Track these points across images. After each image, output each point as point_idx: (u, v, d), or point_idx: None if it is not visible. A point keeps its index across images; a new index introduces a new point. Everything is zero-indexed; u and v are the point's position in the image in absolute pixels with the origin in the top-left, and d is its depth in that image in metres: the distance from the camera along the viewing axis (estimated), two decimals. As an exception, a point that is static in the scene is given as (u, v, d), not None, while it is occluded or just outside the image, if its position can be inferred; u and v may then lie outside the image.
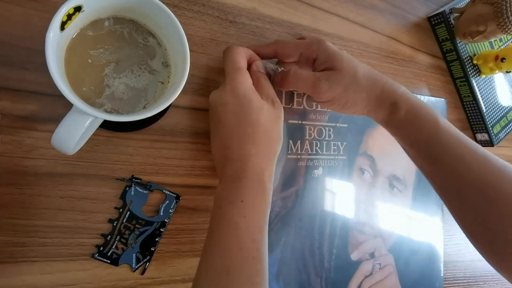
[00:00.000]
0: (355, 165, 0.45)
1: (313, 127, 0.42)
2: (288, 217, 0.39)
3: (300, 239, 0.40)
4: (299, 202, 0.40)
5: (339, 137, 0.44)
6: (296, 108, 0.41)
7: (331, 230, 0.42)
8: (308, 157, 0.41)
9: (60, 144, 0.25)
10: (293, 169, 0.40)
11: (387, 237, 0.47)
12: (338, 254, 0.43)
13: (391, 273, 0.47)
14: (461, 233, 0.38)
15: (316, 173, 0.41)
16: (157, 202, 0.34)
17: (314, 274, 0.41)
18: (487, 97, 0.58)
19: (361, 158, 0.46)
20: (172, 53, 0.31)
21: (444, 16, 0.54)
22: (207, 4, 0.38)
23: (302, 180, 0.41)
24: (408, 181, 0.50)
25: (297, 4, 0.43)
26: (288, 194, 0.39)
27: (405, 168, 0.49)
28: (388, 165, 0.48)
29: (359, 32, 0.48)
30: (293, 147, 0.40)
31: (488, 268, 0.39)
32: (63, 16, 0.24)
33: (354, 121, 0.45)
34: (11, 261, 0.29)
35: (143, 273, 0.33)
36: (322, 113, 0.43)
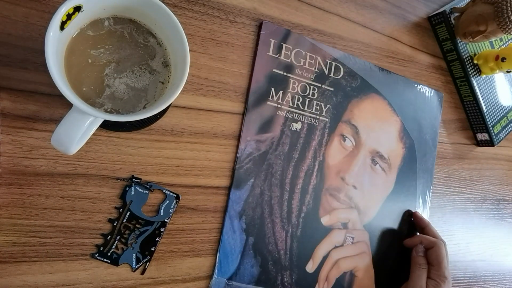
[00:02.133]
0: (337, 130, 0.44)
1: (298, 82, 0.42)
2: (260, 160, 0.39)
3: (269, 186, 0.40)
4: (273, 149, 0.40)
5: (323, 98, 0.44)
6: (283, 60, 0.41)
7: (303, 186, 0.42)
8: (288, 108, 0.41)
9: (60, 144, 0.25)
10: (271, 116, 0.40)
11: (364, 213, 0.46)
12: (307, 212, 0.42)
13: (364, 252, 0.46)
14: (462, 233, 0.38)
15: (295, 126, 0.42)
16: (157, 202, 0.34)
17: (280, 226, 0.40)
18: (488, 97, 0.58)
19: (344, 125, 0.45)
20: (172, 53, 0.31)
21: (445, 16, 0.54)
22: (207, 4, 0.38)
23: (279, 129, 0.41)
24: (393, 162, 0.49)
25: (297, 4, 0.43)
26: (263, 138, 0.40)
27: (391, 148, 0.49)
28: (373, 140, 0.47)
29: (359, 32, 0.48)
30: (274, 95, 0.41)
31: (489, 268, 0.39)
32: (62, 16, 0.24)
33: (342, 88, 0.45)
34: (11, 261, 0.29)
35: (143, 273, 0.33)
36: (309, 71, 0.43)
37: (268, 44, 0.40)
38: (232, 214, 0.37)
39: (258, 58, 0.40)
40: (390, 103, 0.49)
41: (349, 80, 0.46)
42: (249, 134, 0.39)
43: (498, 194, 0.63)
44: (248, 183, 0.39)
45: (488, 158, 0.62)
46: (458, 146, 0.58)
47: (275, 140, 0.40)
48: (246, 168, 0.39)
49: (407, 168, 0.50)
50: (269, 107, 0.40)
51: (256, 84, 0.40)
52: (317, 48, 0.44)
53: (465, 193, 0.58)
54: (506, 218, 0.64)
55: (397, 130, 0.49)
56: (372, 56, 0.49)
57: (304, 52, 0.43)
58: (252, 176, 0.39)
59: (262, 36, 0.40)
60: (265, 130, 0.40)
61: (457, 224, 0.56)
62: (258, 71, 0.40)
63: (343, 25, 0.47)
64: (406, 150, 0.50)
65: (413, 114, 0.51)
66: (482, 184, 0.61)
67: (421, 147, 0.52)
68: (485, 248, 0.59)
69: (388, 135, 0.48)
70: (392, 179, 0.49)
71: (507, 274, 0.61)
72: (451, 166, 0.57)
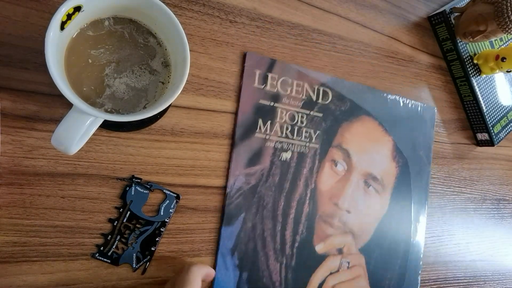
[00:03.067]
0: (328, 156, 0.44)
1: (286, 111, 0.41)
2: (250, 194, 0.39)
3: (261, 219, 0.39)
4: (263, 181, 0.39)
5: (312, 125, 0.43)
6: (269, 90, 0.41)
7: (296, 216, 0.41)
8: (277, 139, 0.41)
9: (61, 144, 0.25)
10: (260, 148, 0.40)
11: (359, 237, 0.46)
12: (301, 242, 0.41)
13: (360, 275, 0.45)
14: (462, 233, 0.38)
15: (285, 156, 0.41)
16: (157, 202, 0.34)
17: (274, 258, 0.39)
18: (488, 96, 0.58)
19: (335, 150, 0.44)
20: (172, 53, 0.31)
21: (445, 15, 0.54)
22: (207, 4, 0.38)
23: (268, 160, 0.40)
24: (386, 182, 0.48)
25: (298, 4, 0.43)
26: (253, 171, 0.39)
27: (384, 169, 0.48)
28: (365, 162, 0.46)
29: (359, 32, 0.48)
30: (262, 126, 0.40)
31: (489, 268, 0.39)
32: (63, 16, 0.24)
33: (331, 112, 0.44)
34: (12, 261, 0.29)
35: (143, 273, 0.33)
36: (296, 99, 0.42)
37: (253, 75, 0.40)
38: (224, 252, 0.37)
39: (243, 90, 0.39)
40: (382, 123, 0.48)
41: (338, 104, 0.45)
42: (238, 168, 0.38)
43: (498, 194, 0.63)
44: (239, 218, 0.38)
45: (488, 158, 0.62)
46: (458, 146, 0.58)
47: (265, 171, 0.40)
48: (236, 203, 0.38)
49: (401, 187, 0.49)
50: (257, 139, 0.39)
51: (243, 116, 0.39)
52: (303, 74, 0.43)
53: (465, 193, 0.58)
54: (506, 218, 0.64)
55: (390, 150, 0.49)
56: (372, 56, 0.49)
57: (290, 80, 0.42)
58: (242, 211, 0.38)
59: (247, 68, 0.39)
60: (254, 163, 0.39)
61: (457, 224, 0.56)
62: (244, 103, 0.39)
63: (343, 25, 0.47)
64: (399, 169, 0.49)
65: (406, 132, 0.50)
66: (482, 184, 0.61)
67: (415, 165, 0.51)
68: (485, 248, 0.59)
69: (380, 156, 0.48)
70: (386, 200, 0.48)
71: (507, 274, 0.61)
72: (451, 166, 0.57)
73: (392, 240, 0.48)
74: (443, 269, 0.54)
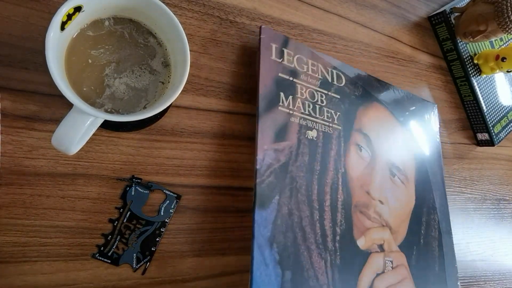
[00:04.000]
0: (352, 139, 0.42)
1: (305, 88, 0.40)
2: (281, 173, 0.35)
3: (297, 204, 0.35)
4: (293, 159, 0.37)
5: (332, 105, 0.42)
6: (287, 65, 0.40)
7: (332, 203, 0.38)
8: (301, 115, 0.39)
9: (61, 144, 0.25)
10: (286, 123, 0.37)
11: (396, 232, 0.43)
12: (342, 235, 0.38)
13: (406, 277, 0.42)
14: (462, 233, 0.38)
15: (311, 134, 0.39)
16: (157, 202, 0.34)
17: (317, 254, 0.35)
18: (488, 96, 0.58)
19: (357, 134, 0.43)
20: (172, 53, 0.31)
21: (445, 15, 0.54)
22: (207, 4, 0.38)
23: (295, 137, 0.38)
24: (409, 174, 0.46)
25: (298, 4, 0.43)
26: (281, 147, 0.36)
27: (403, 160, 0.46)
28: (386, 150, 0.45)
29: (359, 32, 0.48)
30: (285, 100, 0.38)
31: (489, 268, 0.39)
32: (63, 16, 0.24)
33: (347, 96, 0.43)
34: (12, 261, 0.29)
35: (143, 273, 0.33)
36: (313, 77, 0.41)
37: (270, 48, 0.39)
38: (261, 242, 0.31)
39: (262, 62, 0.38)
40: (392, 112, 0.48)
41: (352, 88, 0.44)
42: (266, 142, 0.35)
43: (498, 194, 0.63)
44: (273, 201, 0.34)
45: (488, 158, 0.62)
46: (458, 146, 0.58)
47: (294, 149, 0.37)
48: (268, 182, 0.34)
49: (422, 180, 0.48)
50: (281, 113, 0.38)
51: (265, 88, 0.37)
52: (316, 56, 0.43)
53: (465, 193, 0.58)
54: (506, 218, 0.64)
55: (403, 140, 0.48)
56: (372, 56, 0.49)
57: (305, 58, 0.41)
58: (276, 192, 0.34)
59: (263, 40, 0.38)
60: (282, 138, 0.37)
61: (457, 223, 0.56)
62: (264, 75, 0.38)
63: (343, 25, 0.47)
64: (416, 162, 0.48)
65: (415, 124, 0.50)
66: (482, 184, 0.61)
67: (428, 158, 0.50)
68: (485, 248, 0.59)
69: (397, 145, 0.46)
70: (412, 192, 0.46)
71: (507, 274, 0.61)
72: (451, 166, 0.57)
73: (425, 237, 0.46)
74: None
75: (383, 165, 0.44)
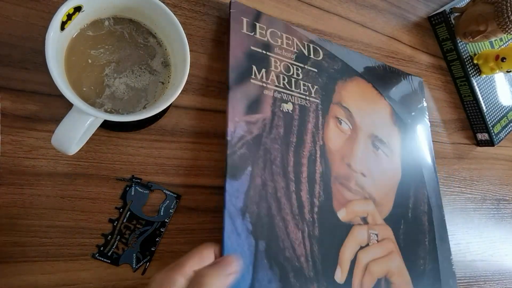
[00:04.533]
0: (330, 112, 0.41)
1: (279, 61, 0.39)
2: (254, 145, 0.34)
3: (271, 175, 0.34)
4: (267, 132, 0.36)
5: (308, 79, 0.41)
6: (259, 38, 0.39)
7: (310, 175, 0.37)
8: (275, 88, 0.38)
9: (60, 144, 0.25)
10: (258, 96, 0.36)
11: (381, 205, 0.42)
12: (321, 206, 0.37)
13: (393, 251, 0.41)
14: (462, 233, 0.38)
15: (286, 107, 0.38)
16: (157, 202, 0.34)
17: (294, 224, 0.34)
18: (488, 96, 0.58)
19: (336, 107, 0.42)
20: (172, 53, 0.31)
21: (445, 15, 0.54)
22: (207, 4, 0.38)
23: (269, 110, 0.37)
24: (393, 147, 0.46)
25: (297, 4, 0.43)
26: (253, 119, 0.35)
27: (388, 133, 0.46)
28: (368, 123, 0.44)
29: (359, 32, 0.48)
30: (257, 73, 0.37)
31: (488, 268, 0.39)
32: (63, 16, 0.24)
33: (325, 69, 0.43)
34: (11, 261, 0.29)
35: (143, 273, 0.33)
36: (288, 51, 0.40)
37: (241, 22, 0.37)
38: (232, 211, 0.31)
39: (232, 35, 0.36)
40: (375, 87, 0.47)
41: (330, 62, 0.43)
42: (236, 114, 0.34)
43: (498, 194, 0.63)
44: (245, 172, 0.33)
45: (488, 158, 0.62)
46: (458, 146, 0.58)
47: (267, 121, 0.36)
48: (240, 154, 0.33)
49: (408, 154, 0.47)
50: (253, 86, 0.36)
51: (235, 60, 0.36)
52: (292, 29, 0.41)
53: (465, 193, 0.58)
54: (506, 218, 0.64)
55: (388, 113, 0.47)
56: (372, 56, 0.49)
57: (279, 32, 0.40)
58: (248, 163, 0.34)
59: (233, 14, 0.37)
60: (254, 110, 0.36)
61: (457, 224, 0.56)
62: (235, 48, 0.36)
63: (343, 25, 0.47)
64: (402, 135, 0.48)
65: (399, 98, 0.49)
66: (482, 184, 0.61)
67: (416, 132, 0.50)
68: (485, 248, 0.59)
69: (381, 119, 0.46)
70: (398, 165, 0.46)
71: (507, 274, 0.61)
72: (451, 166, 0.57)
73: (413, 210, 0.45)
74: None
75: (365, 138, 0.43)
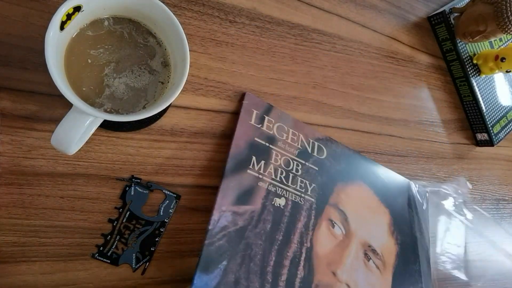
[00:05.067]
0: (324, 214, 0.39)
1: (281, 155, 0.39)
2: (236, 238, 0.33)
3: (247, 274, 0.32)
4: (253, 225, 0.34)
5: (308, 176, 0.40)
6: (266, 131, 0.39)
7: (289, 279, 0.35)
8: (271, 181, 0.37)
9: (60, 144, 0.25)
10: (252, 187, 0.36)
11: None
12: None
13: None
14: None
15: (278, 202, 0.37)
16: (157, 202, 0.34)
17: None
18: (487, 97, 0.58)
19: (332, 209, 0.40)
20: (172, 53, 0.31)
21: (444, 16, 0.54)
22: (207, 4, 0.38)
23: (260, 202, 0.36)
24: (387, 259, 0.43)
25: (297, 4, 0.43)
26: (241, 211, 0.34)
27: (383, 243, 0.43)
28: (364, 230, 0.41)
29: (359, 32, 0.48)
30: (256, 164, 0.37)
31: (488, 268, 0.39)
32: (62, 16, 0.24)
33: (326, 169, 0.42)
34: (11, 261, 0.29)
35: (143, 273, 0.33)
36: (292, 146, 0.40)
37: (251, 113, 0.38)
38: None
39: (239, 124, 0.37)
40: (376, 193, 0.45)
41: (333, 162, 0.43)
42: (225, 203, 0.33)
43: (498, 194, 0.63)
44: (219, 266, 0.31)
45: (487, 158, 0.62)
46: (457, 146, 0.58)
47: (256, 214, 0.35)
48: (218, 245, 0.32)
49: (402, 269, 0.44)
50: (249, 176, 0.36)
51: (237, 149, 0.36)
52: (300, 125, 0.42)
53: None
54: (505, 218, 0.64)
55: (387, 223, 0.45)
56: (372, 56, 0.49)
57: (287, 127, 0.40)
58: (225, 257, 0.32)
59: (245, 105, 0.38)
60: (244, 202, 0.35)
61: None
62: (239, 137, 0.36)
63: (343, 25, 0.47)
64: (399, 248, 0.45)
65: (401, 209, 0.47)
66: (482, 184, 0.61)
67: (414, 246, 0.47)
68: (484, 248, 0.59)
69: (378, 228, 0.43)
70: (388, 281, 0.42)
71: (506, 274, 0.61)
72: (450, 166, 0.57)
73: None
74: (443, 269, 0.54)
75: (358, 246, 0.41)
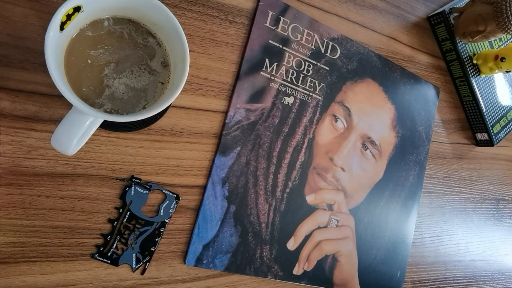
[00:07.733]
0: (329, 110, 0.44)
1: (293, 56, 0.42)
2: (248, 129, 0.39)
3: (256, 157, 0.39)
4: (263, 120, 0.40)
5: (317, 76, 0.44)
6: (280, 33, 0.41)
7: (291, 162, 0.41)
8: (281, 81, 0.41)
9: (60, 144, 0.25)
10: (264, 87, 0.40)
11: (351, 197, 0.45)
12: (293, 188, 0.41)
13: (348, 237, 0.45)
14: (461, 233, 0.38)
15: (287, 100, 0.41)
16: (157, 202, 0.34)
17: (264, 198, 0.39)
18: (487, 96, 0.58)
19: (337, 105, 0.45)
20: (172, 53, 0.31)
21: (444, 16, 0.54)
22: (207, 4, 0.38)
23: (270, 101, 0.40)
24: (384, 149, 0.48)
25: (297, 4, 0.43)
26: (254, 108, 0.39)
27: (383, 136, 0.48)
28: (365, 124, 0.46)
29: (359, 32, 0.48)
30: (268, 66, 0.40)
31: (488, 267, 0.39)
32: (62, 16, 0.24)
33: (337, 68, 0.45)
34: (11, 262, 0.29)
35: (143, 273, 0.33)
36: (305, 47, 0.43)
37: (266, 15, 0.40)
38: (215, 180, 0.37)
39: (254, 27, 0.40)
40: (385, 91, 0.49)
41: (345, 61, 0.46)
42: (239, 101, 0.38)
43: (498, 194, 0.63)
44: (234, 151, 0.38)
45: (487, 158, 0.62)
46: (457, 146, 0.58)
47: (266, 111, 0.40)
48: (234, 135, 0.38)
49: (398, 158, 0.50)
50: (262, 77, 0.40)
51: (251, 52, 0.39)
52: (316, 25, 0.44)
53: (465, 193, 0.58)
54: (505, 217, 0.64)
55: (390, 118, 0.49)
56: (372, 56, 0.49)
57: (301, 28, 0.43)
58: (239, 144, 0.38)
59: (261, 7, 0.40)
60: (256, 100, 0.40)
61: (457, 224, 0.56)
62: (253, 40, 0.40)
63: (343, 25, 0.47)
64: (399, 140, 0.50)
65: (408, 105, 0.51)
66: (482, 184, 0.61)
67: (414, 139, 0.51)
68: (485, 248, 0.59)
69: (380, 122, 0.48)
70: (382, 167, 0.48)
71: (506, 273, 0.61)
72: (450, 166, 0.57)
73: (383, 210, 0.48)
74: (442, 269, 0.55)
75: (356, 137, 0.46)
